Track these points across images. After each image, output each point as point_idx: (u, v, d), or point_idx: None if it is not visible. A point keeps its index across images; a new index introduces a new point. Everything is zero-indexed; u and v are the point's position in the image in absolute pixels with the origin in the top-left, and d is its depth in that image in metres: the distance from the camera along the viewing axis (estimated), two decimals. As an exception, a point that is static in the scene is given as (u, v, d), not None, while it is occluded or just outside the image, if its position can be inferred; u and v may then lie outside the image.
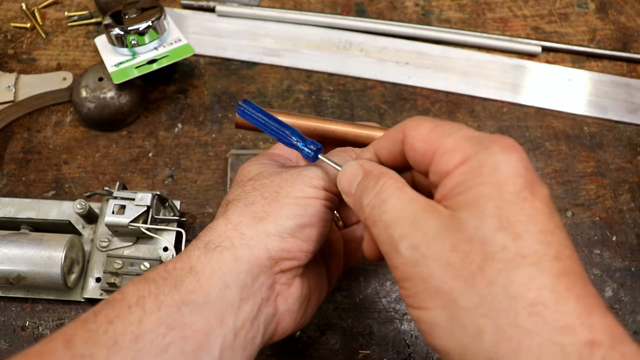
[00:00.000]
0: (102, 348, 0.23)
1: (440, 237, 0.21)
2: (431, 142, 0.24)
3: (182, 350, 0.24)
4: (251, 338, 0.27)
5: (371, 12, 0.61)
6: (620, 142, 0.52)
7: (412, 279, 0.22)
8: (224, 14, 0.59)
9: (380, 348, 0.42)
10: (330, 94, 0.55)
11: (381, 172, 0.26)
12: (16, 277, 0.40)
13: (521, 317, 0.19)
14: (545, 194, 0.22)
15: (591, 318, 0.19)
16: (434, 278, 0.21)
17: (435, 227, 0.22)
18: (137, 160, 0.51)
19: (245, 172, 0.33)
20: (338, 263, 0.36)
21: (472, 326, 0.20)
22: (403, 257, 0.22)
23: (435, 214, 0.22)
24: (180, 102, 0.54)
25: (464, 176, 0.22)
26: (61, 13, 0.60)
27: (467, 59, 0.57)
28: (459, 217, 0.21)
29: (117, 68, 0.50)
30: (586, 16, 0.60)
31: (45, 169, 0.50)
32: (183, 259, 0.27)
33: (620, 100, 0.55)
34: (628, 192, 0.49)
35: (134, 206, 0.41)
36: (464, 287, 0.20)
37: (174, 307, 0.25)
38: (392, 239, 0.23)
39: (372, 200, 0.25)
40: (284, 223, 0.29)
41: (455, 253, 0.21)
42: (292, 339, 0.43)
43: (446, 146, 0.23)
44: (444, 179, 0.23)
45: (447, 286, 0.21)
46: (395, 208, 0.23)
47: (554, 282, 0.20)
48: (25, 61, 0.57)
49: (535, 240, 0.20)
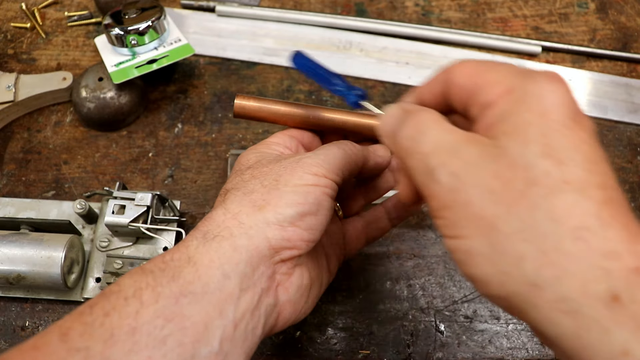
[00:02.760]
0: (98, 341, 0.23)
1: (481, 165, 0.21)
2: (476, 76, 0.23)
3: (181, 342, 0.24)
4: (252, 329, 0.27)
5: (371, 12, 0.61)
6: (620, 142, 0.52)
7: (450, 207, 0.21)
8: (224, 14, 0.59)
9: (380, 348, 0.42)
10: (330, 93, 0.55)
11: (420, 108, 0.25)
12: (16, 277, 0.40)
13: (565, 242, 0.19)
14: (590, 126, 0.21)
15: (636, 246, 0.19)
16: (474, 205, 0.20)
17: (475, 154, 0.21)
18: (137, 160, 0.51)
19: (243, 160, 0.33)
20: (338, 253, 0.36)
21: (513, 252, 0.19)
22: (441, 184, 0.22)
23: (475, 142, 0.22)
24: (180, 102, 0.54)
25: (508, 105, 0.22)
26: (61, 13, 0.60)
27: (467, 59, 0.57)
28: (501, 144, 0.21)
29: (117, 68, 0.50)
30: (586, 16, 0.60)
31: (45, 169, 0.50)
32: (181, 250, 0.27)
33: (620, 100, 0.55)
34: (628, 192, 0.49)
35: (134, 206, 0.41)
36: (506, 212, 0.20)
37: (172, 299, 0.25)
38: (429, 168, 0.22)
39: (410, 132, 0.24)
40: (283, 211, 0.28)
41: (496, 180, 0.20)
42: (292, 339, 0.43)
43: (490, 78, 0.23)
44: (485, 110, 0.22)
45: (488, 212, 0.20)
46: (434, 138, 0.23)
47: (599, 209, 0.19)
48: (25, 61, 0.57)
49: (579, 167, 0.20)
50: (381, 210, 0.38)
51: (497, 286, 0.20)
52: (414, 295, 0.44)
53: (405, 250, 0.46)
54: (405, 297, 0.44)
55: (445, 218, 0.22)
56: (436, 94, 0.26)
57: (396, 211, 0.38)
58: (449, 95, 0.25)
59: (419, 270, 0.45)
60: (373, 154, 0.35)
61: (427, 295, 0.44)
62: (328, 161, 0.30)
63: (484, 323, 0.43)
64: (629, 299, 0.18)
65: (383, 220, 0.38)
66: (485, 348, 0.42)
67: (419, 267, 0.45)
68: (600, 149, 0.21)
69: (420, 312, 0.43)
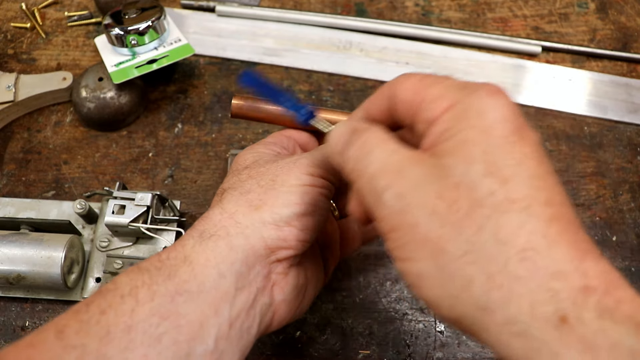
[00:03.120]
0: (94, 338, 0.23)
1: (426, 185, 0.21)
2: (418, 91, 0.23)
3: (176, 340, 0.24)
4: (247, 328, 0.27)
5: (371, 12, 0.61)
6: (620, 142, 0.52)
7: (398, 229, 0.21)
8: (224, 14, 0.59)
9: (380, 348, 0.42)
10: (330, 94, 0.55)
11: (367, 127, 0.25)
12: (16, 277, 0.40)
13: (512, 264, 0.18)
14: (534, 139, 0.21)
15: (584, 264, 0.18)
16: (421, 226, 0.20)
17: (420, 174, 0.21)
18: (137, 160, 0.51)
19: (241, 160, 0.33)
20: (334, 253, 0.36)
21: (461, 275, 0.19)
22: (388, 207, 0.21)
23: (420, 162, 0.22)
24: (180, 102, 0.54)
25: (449, 122, 0.21)
26: (61, 13, 0.60)
27: (467, 59, 0.57)
28: (444, 163, 0.21)
29: (117, 68, 0.50)
30: (586, 16, 0.60)
31: (45, 169, 0.50)
32: (177, 249, 0.27)
33: (620, 100, 0.55)
34: (628, 192, 0.49)
35: (133, 206, 0.41)
36: (452, 234, 0.20)
37: (167, 297, 0.25)
38: (376, 190, 0.22)
39: (356, 153, 0.24)
40: (280, 211, 0.28)
41: (441, 200, 0.20)
42: (292, 339, 0.43)
43: (433, 94, 0.23)
44: (430, 127, 0.22)
45: (434, 234, 0.20)
46: (380, 159, 0.23)
47: (545, 228, 0.19)
48: (25, 61, 0.57)
49: (524, 185, 0.20)
50: None
51: (447, 309, 0.20)
52: (414, 295, 0.44)
53: (405, 250, 0.46)
54: (405, 297, 0.44)
55: (394, 240, 0.22)
56: (383, 110, 0.26)
57: None
58: (394, 110, 0.25)
59: (419, 270, 0.45)
60: None
61: (427, 295, 0.44)
62: (325, 161, 0.30)
63: (484, 323, 0.43)
64: (576, 319, 0.17)
65: None
66: (485, 348, 0.42)
67: (419, 267, 0.45)
68: (546, 163, 0.21)
69: (420, 312, 0.43)
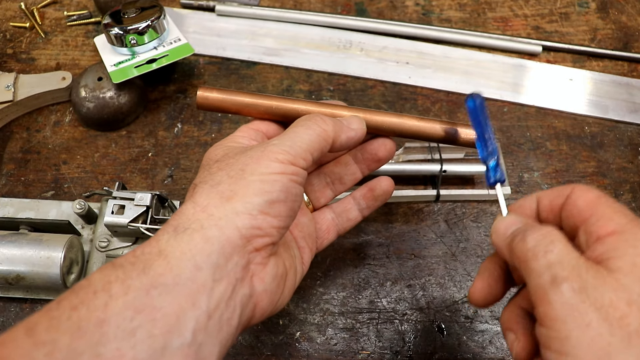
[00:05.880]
0: (65, 333, 0.23)
1: (602, 290, 0.22)
2: (592, 205, 0.26)
3: (151, 334, 0.24)
4: (227, 319, 0.27)
5: (371, 11, 0.60)
6: (621, 142, 0.52)
7: (565, 321, 0.22)
8: (224, 13, 0.59)
9: (380, 348, 0.42)
10: (330, 93, 0.55)
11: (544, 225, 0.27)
12: (15, 278, 0.40)
13: None
14: None
15: None
16: (592, 328, 0.22)
17: (596, 278, 0.23)
18: (137, 160, 0.51)
19: (211, 155, 0.33)
20: (311, 245, 0.37)
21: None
22: (562, 296, 0.23)
23: (595, 267, 0.24)
24: (180, 102, 0.54)
25: (619, 244, 0.24)
26: (60, 12, 0.60)
27: (467, 59, 0.57)
28: (617, 278, 0.23)
29: (117, 68, 0.50)
30: (587, 16, 0.60)
31: (45, 169, 0.50)
32: (152, 244, 0.27)
33: (621, 100, 0.54)
34: (629, 192, 0.49)
35: (133, 206, 0.41)
36: (621, 346, 0.21)
37: (142, 291, 0.24)
38: (555, 277, 0.23)
39: (538, 238, 0.25)
40: (251, 200, 0.28)
41: (613, 309, 0.22)
42: (292, 339, 0.42)
43: (606, 213, 0.26)
44: (596, 242, 0.25)
45: (605, 340, 0.21)
46: (562, 251, 0.24)
47: None
48: (25, 61, 0.57)
49: None
50: (350, 201, 0.39)
51: None
52: (414, 295, 0.44)
53: (405, 250, 0.46)
54: (405, 297, 0.44)
55: (555, 330, 0.23)
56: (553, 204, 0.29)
57: (365, 201, 0.39)
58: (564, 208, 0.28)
59: (419, 270, 0.45)
60: (346, 127, 0.34)
61: (427, 296, 0.44)
62: (294, 147, 0.30)
63: (485, 323, 0.43)
64: None
65: (352, 211, 0.39)
66: (485, 348, 0.42)
67: (419, 267, 0.45)
68: None
69: (420, 312, 0.43)
